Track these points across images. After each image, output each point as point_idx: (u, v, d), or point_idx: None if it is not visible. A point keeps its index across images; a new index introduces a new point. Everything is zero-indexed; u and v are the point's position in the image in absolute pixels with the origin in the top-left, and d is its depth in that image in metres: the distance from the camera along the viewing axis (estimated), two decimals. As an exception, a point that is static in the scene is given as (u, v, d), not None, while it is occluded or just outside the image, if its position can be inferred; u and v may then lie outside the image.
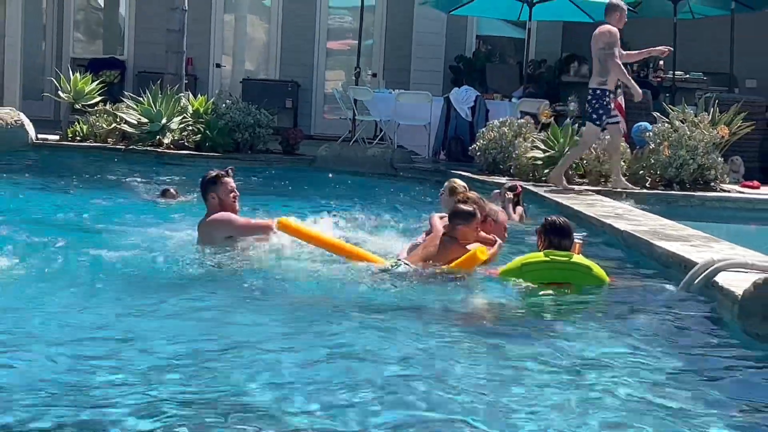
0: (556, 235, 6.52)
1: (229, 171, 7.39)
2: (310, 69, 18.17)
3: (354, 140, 15.06)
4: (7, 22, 15.95)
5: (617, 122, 11.47)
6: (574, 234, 6.72)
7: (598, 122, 11.09)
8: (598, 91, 11.00)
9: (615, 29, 11.00)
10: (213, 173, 7.37)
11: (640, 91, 11.37)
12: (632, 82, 11.22)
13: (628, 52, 11.50)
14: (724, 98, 13.22)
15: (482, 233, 6.91)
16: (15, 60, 15.71)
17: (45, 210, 9.63)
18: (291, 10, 18.10)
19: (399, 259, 6.72)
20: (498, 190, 9.51)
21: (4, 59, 16.08)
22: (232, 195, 7.28)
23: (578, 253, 6.52)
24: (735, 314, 5.28)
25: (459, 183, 7.90)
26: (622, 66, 11.01)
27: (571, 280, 6.38)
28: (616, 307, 6.17)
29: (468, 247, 6.66)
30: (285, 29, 18.17)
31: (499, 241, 7.02)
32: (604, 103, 11.01)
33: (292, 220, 7.13)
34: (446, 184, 9.11)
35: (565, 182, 11.31)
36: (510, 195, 9.21)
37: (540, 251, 6.50)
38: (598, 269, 6.41)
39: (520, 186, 9.60)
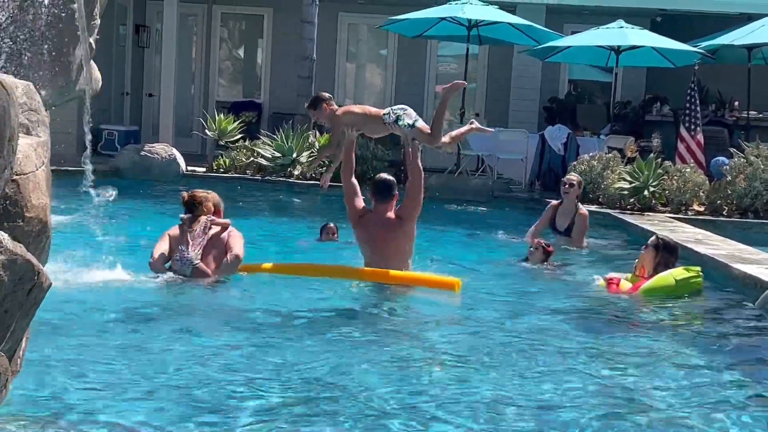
0: (670, 254, 6.82)
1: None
2: (421, 109, 18.26)
3: (459, 172, 15.11)
4: (163, 71, 16.45)
5: None
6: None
7: None
8: None
9: None
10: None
11: None
12: None
13: None
14: (796, 135, 12.87)
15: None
16: (169, 102, 16.15)
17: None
18: (404, 58, 18.30)
19: None
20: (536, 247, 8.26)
21: (160, 102, 16.58)
22: None
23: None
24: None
25: None
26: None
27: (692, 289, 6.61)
28: (703, 319, 6.13)
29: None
30: (399, 75, 18.37)
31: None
32: None
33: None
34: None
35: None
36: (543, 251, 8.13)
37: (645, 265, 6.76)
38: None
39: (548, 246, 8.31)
